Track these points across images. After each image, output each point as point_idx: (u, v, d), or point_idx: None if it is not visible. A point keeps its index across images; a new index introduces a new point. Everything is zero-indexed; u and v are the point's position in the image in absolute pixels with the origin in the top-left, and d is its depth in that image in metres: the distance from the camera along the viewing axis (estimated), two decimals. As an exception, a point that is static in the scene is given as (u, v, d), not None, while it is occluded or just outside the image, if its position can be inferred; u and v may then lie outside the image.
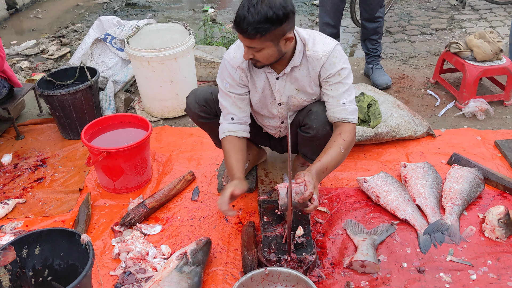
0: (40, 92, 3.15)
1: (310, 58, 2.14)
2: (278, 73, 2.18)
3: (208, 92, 2.36)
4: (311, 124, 2.21)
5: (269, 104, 2.31)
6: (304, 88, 2.22)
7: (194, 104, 2.36)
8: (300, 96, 2.25)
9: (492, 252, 2.22)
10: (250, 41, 1.93)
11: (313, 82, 2.20)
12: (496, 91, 3.66)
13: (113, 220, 2.53)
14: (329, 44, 2.14)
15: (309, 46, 2.13)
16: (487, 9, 5.67)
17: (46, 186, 2.84)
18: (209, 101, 2.36)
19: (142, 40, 3.54)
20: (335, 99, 2.16)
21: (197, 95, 2.36)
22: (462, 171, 2.62)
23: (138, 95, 3.76)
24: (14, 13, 6.28)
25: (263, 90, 2.25)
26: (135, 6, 6.59)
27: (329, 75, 2.14)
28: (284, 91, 2.23)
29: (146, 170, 2.78)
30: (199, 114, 2.37)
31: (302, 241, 2.19)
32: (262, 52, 1.98)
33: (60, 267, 1.98)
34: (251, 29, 1.86)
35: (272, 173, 2.77)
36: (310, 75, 2.18)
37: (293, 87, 2.22)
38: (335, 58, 2.13)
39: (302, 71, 2.17)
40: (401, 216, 2.41)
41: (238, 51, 2.18)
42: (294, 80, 2.20)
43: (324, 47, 2.13)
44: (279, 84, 2.21)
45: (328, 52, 2.12)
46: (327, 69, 2.14)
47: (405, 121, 3.07)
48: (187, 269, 2.05)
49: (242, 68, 2.19)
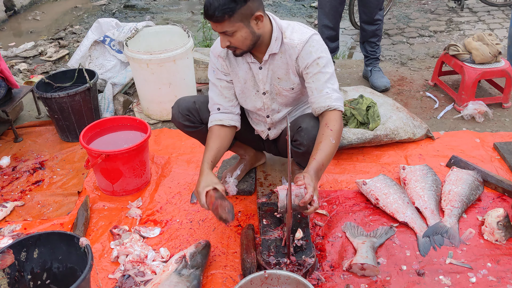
0: (38, 95, 3.15)
1: (287, 46, 2.16)
2: (260, 62, 2.21)
3: (191, 102, 2.40)
4: (302, 141, 2.22)
5: (253, 96, 2.33)
6: (286, 75, 2.23)
7: (177, 114, 2.40)
8: (280, 85, 2.26)
9: (491, 255, 2.22)
10: (221, 25, 1.98)
11: (291, 70, 2.21)
12: (494, 94, 3.66)
13: (111, 223, 2.52)
14: (306, 33, 2.15)
15: (287, 34, 2.15)
16: (485, 12, 5.68)
17: (44, 188, 2.83)
18: (192, 110, 2.39)
19: (141, 42, 3.54)
20: (318, 90, 2.14)
21: (180, 105, 2.40)
22: (461, 174, 2.62)
23: (137, 98, 3.76)
24: (13, 15, 6.27)
25: (245, 80, 2.28)
26: (134, 8, 6.59)
27: (307, 64, 2.14)
28: (267, 80, 2.25)
29: (145, 173, 2.78)
30: (184, 124, 2.41)
31: (302, 244, 2.18)
32: (236, 36, 2.02)
33: (59, 270, 1.98)
34: (218, 12, 1.92)
35: (271, 175, 2.77)
36: (288, 63, 2.20)
37: (275, 75, 2.24)
38: (312, 47, 2.14)
39: (281, 59, 2.20)
40: (401, 219, 2.41)
41: (218, 41, 2.23)
42: (276, 68, 2.22)
43: (300, 36, 2.15)
44: (262, 73, 2.24)
45: (304, 41, 2.13)
46: (304, 58, 2.14)
47: (404, 123, 3.07)
48: (186, 272, 2.05)
49: (221, 57, 2.27)
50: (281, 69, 2.22)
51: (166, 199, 2.69)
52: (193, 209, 2.60)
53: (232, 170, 2.72)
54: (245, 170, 2.74)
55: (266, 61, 2.19)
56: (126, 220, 2.54)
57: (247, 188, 2.68)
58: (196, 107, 2.39)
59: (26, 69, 4.49)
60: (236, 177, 2.64)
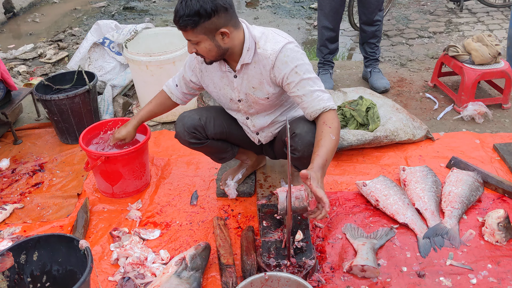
0: (38, 97, 3.14)
1: (260, 56, 2.14)
2: (235, 71, 2.21)
3: (196, 119, 2.37)
4: (296, 147, 2.21)
5: (228, 102, 2.34)
6: (260, 85, 2.22)
7: (183, 132, 2.38)
8: (255, 94, 2.25)
9: (492, 256, 2.21)
10: (185, 33, 2.01)
11: (265, 80, 2.19)
12: (494, 95, 3.66)
13: (111, 225, 2.52)
14: (279, 43, 2.11)
15: (261, 44, 2.13)
16: (485, 12, 5.69)
17: (44, 191, 2.83)
18: (198, 127, 2.37)
19: (140, 44, 3.54)
20: (308, 95, 2.12)
21: (185, 123, 2.37)
22: (461, 175, 2.62)
23: (136, 99, 3.76)
24: (12, 17, 6.27)
25: (220, 88, 2.29)
26: (133, 10, 6.59)
27: (284, 75, 2.11)
28: (241, 89, 2.25)
29: (145, 175, 2.77)
30: (190, 141, 2.40)
31: (302, 246, 2.18)
32: (200, 46, 2.04)
33: (59, 273, 1.97)
34: (182, 21, 1.96)
35: (271, 177, 2.76)
36: (262, 73, 2.18)
37: (250, 85, 2.23)
38: (287, 57, 2.10)
39: (255, 69, 2.18)
40: (401, 220, 2.41)
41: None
42: (250, 78, 2.21)
43: (273, 46, 2.11)
44: (237, 82, 2.23)
45: (277, 51, 2.10)
46: (280, 68, 2.11)
47: (403, 124, 3.07)
48: (186, 274, 2.04)
49: (198, 61, 2.31)
50: (255, 79, 2.20)
51: (166, 201, 2.69)
52: (193, 211, 2.60)
53: (232, 172, 2.71)
54: (246, 174, 2.74)
55: (239, 70, 2.19)
56: (126, 222, 2.54)
57: (247, 190, 2.68)
58: (202, 123, 2.37)
59: (25, 71, 4.50)
60: (237, 181, 2.65)
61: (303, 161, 2.28)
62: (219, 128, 2.42)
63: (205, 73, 2.31)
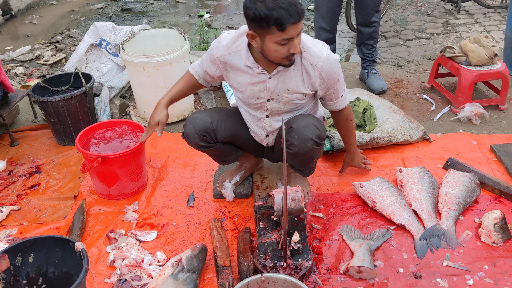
0: (34, 98, 3.14)
1: (305, 61, 2.15)
2: (270, 72, 2.18)
3: (208, 122, 2.32)
4: (292, 141, 2.21)
5: (253, 100, 2.30)
6: (296, 88, 2.22)
7: (194, 135, 2.33)
8: (289, 95, 2.25)
9: (488, 257, 2.21)
10: (301, 22, 1.95)
11: (305, 83, 2.20)
12: (491, 96, 3.67)
13: (108, 227, 2.51)
14: (323, 51, 2.16)
15: (306, 46, 2.14)
16: (482, 14, 5.69)
17: (40, 193, 2.82)
18: (209, 130, 2.33)
19: (137, 46, 3.53)
20: (337, 96, 2.32)
21: (196, 125, 2.32)
22: (458, 176, 2.62)
23: (133, 101, 3.76)
24: (9, 19, 6.26)
25: (246, 87, 2.26)
26: (131, 11, 6.59)
27: (329, 85, 2.23)
28: (275, 90, 2.23)
29: (142, 176, 2.77)
30: (199, 144, 2.36)
31: (298, 247, 2.18)
32: (301, 33, 2.03)
33: (55, 275, 1.97)
34: (299, 5, 1.92)
35: (268, 178, 2.76)
36: (303, 77, 2.19)
37: (285, 87, 2.22)
38: (334, 69, 2.18)
39: (294, 71, 2.18)
40: (398, 221, 2.41)
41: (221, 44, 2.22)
42: (287, 80, 2.19)
43: (319, 53, 2.14)
44: (271, 83, 2.21)
45: (324, 60, 2.14)
46: (327, 79, 2.19)
47: (400, 126, 3.07)
48: (183, 276, 2.04)
49: (220, 61, 2.25)
50: (293, 81, 2.20)
51: (162, 202, 2.69)
52: (189, 213, 2.59)
53: (230, 174, 2.71)
54: (244, 177, 2.74)
55: (278, 72, 2.17)
56: (123, 224, 2.53)
57: (244, 192, 2.68)
58: (213, 127, 2.33)
59: (22, 73, 4.49)
60: (235, 183, 2.64)
61: (299, 157, 2.28)
62: (228, 132, 2.39)
63: (230, 73, 2.27)
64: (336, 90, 2.28)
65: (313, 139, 2.20)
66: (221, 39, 2.24)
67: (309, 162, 2.39)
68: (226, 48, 2.20)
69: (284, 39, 1.94)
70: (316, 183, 2.78)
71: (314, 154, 2.30)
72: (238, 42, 2.18)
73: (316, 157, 2.37)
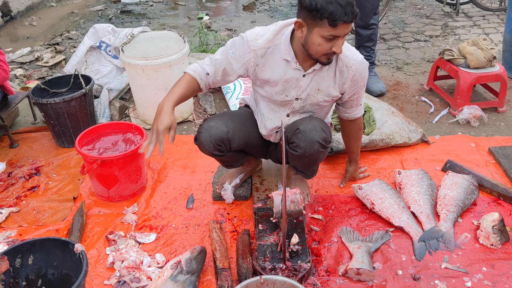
0: (34, 100, 3.14)
1: (341, 62, 2.18)
2: (305, 70, 2.18)
3: (224, 132, 2.26)
4: (299, 143, 2.21)
5: (280, 97, 2.28)
6: (327, 89, 2.23)
7: (209, 144, 2.27)
8: (318, 96, 2.26)
9: (487, 259, 2.22)
10: (349, 25, 1.95)
11: (336, 85, 2.23)
12: (490, 98, 3.68)
13: (107, 229, 2.51)
14: (357, 55, 2.20)
15: (343, 48, 2.14)
16: (481, 16, 5.70)
17: (40, 194, 2.82)
18: (225, 140, 2.28)
19: (137, 48, 3.54)
20: (357, 104, 2.38)
21: (212, 134, 2.25)
22: (456, 178, 2.63)
23: (132, 103, 3.76)
24: (9, 21, 6.27)
25: (277, 83, 2.23)
26: (130, 13, 6.59)
27: (357, 88, 2.27)
28: (306, 88, 2.23)
29: (141, 178, 2.77)
30: (213, 153, 2.32)
31: (297, 249, 2.18)
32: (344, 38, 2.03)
33: (54, 276, 1.97)
34: (355, 7, 1.92)
35: (267, 180, 2.77)
36: (335, 78, 2.21)
37: (317, 86, 2.23)
38: (364, 73, 2.23)
39: (328, 72, 2.19)
40: (396, 224, 2.42)
41: (261, 38, 2.18)
42: (320, 79, 2.20)
43: (354, 56, 2.19)
44: (304, 81, 2.21)
45: (358, 63, 2.19)
46: (357, 82, 2.24)
47: (399, 128, 3.08)
48: (182, 278, 2.04)
49: (257, 55, 2.18)
50: (325, 81, 2.21)
51: (162, 204, 2.69)
52: (188, 215, 2.60)
53: (229, 176, 2.71)
54: (243, 179, 2.75)
55: (314, 70, 2.17)
56: (122, 226, 2.54)
57: (243, 193, 2.68)
58: (229, 137, 2.28)
59: (22, 75, 4.49)
60: (234, 185, 2.65)
61: (303, 159, 2.28)
62: (242, 140, 2.36)
63: (262, 68, 2.22)
64: (359, 96, 2.34)
65: (320, 142, 2.20)
66: (257, 34, 2.19)
67: (313, 164, 2.40)
68: (267, 41, 2.17)
69: (332, 35, 1.95)
70: (315, 185, 2.78)
71: (319, 157, 2.31)
72: (278, 35, 2.17)
73: (321, 159, 2.39)
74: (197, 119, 3.59)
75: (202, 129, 2.29)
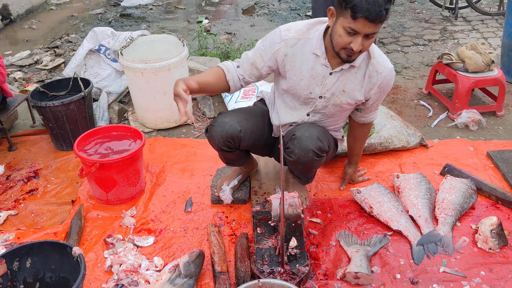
0: (33, 103, 3.15)
1: (371, 66, 2.18)
2: (333, 68, 2.18)
3: (237, 130, 2.27)
4: (293, 150, 2.22)
5: (304, 93, 2.26)
6: (352, 91, 2.23)
7: (220, 139, 2.28)
8: (342, 97, 2.25)
9: (485, 263, 2.22)
10: (376, 25, 1.91)
11: (362, 88, 2.23)
12: (488, 102, 3.68)
13: (105, 232, 2.51)
14: (388, 62, 2.21)
15: (375, 54, 2.17)
16: (479, 21, 5.72)
17: (38, 197, 2.82)
18: (236, 138, 2.29)
19: (136, 51, 3.55)
20: (375, 109, 2.41)
21: (226, 130, 2.26)
22: (455, 182, 2.63)
23: (131, 106, 3.76)
24: (9, 24, 6.28)
25: (302, 78, 2.21)
26: (130, 17, 6.61)
27: (381, 95, 2.29)
28: (331, 87, 2.22)
29: (139, 182, 2.77)
30: (222, 148, 2.33)
31: (296, 253, 2.18)
32: (372, 39, 1.98)
33: (52, 280, 1.97)
34: (384, 10, 1.86)
35: (265, 184, 2.77)
36: (364, 82, 2.21)
37: (342, 87, 2.22)
38: (391, 81, 2.25)
39: (356, 74, 2.19)
40: (395, 227, 2.42)
41: (294, 29, 2.19)
42: (347, 80, 2.20)
43: (385, 64, 2.20)
44: (330, 80, 2.20)
45: (388, 70, 2.20)
46: (383, 89, 2.25)
47: (398, 132, 3.08)
48: (180, 281, 2.04)
49: (287, 44, 2.17)
50: (351, 83, 2.21)
51: (160, 207, 2.69)
52: (187, 218, 2.60)
53: (227, 178, 2.71)
54: (241, 180, 2.75)
55: (342, 69, 2.17)
56: (120, 229, 2.53)
57: (241, 197, 2.68)
58: (241, 135, 2.29)
59: (21, 78, 4.49)
60: (233, 187, 2.65)
61: (298, 166, 2.28)
62: (251, 141, 2.37)
63: (290, 59, 2.21)
64: (380, 103, 2.38)
65: (314, 151, 2.19)
66: (290, 26, 2.20)
67: (308, 171, 2.40)
68: (299, 32, 2.18)
69: (351, 29, 1.92)
70: (313, 188, 2.78)
71: (314, 165, 2.31)
72: (312, 30, 2.17)
73: (316, 167, 2.38)
74: (196, 122, 3.59)
75: (215, 123, 2.29)
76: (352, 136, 2.62)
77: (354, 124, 2.53)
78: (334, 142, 2.49)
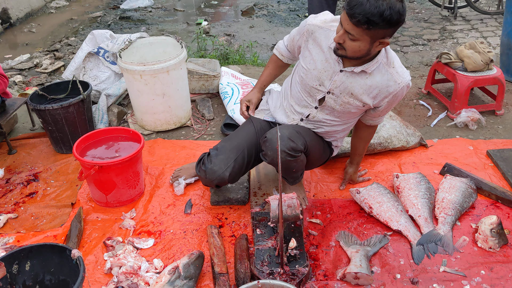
0: (32, 106, 3.15)
1: (389, 75, 2.18)
2: (345, 66, 2.18)
3: (225, 177, 2.40)
4: (266, 152, 2.25)
5: (314, 83, 2.28)
6: (359, 96, 2.23)
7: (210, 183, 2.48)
8: (349, 99, 2.26)
9: (485, 262, 2.22)
10: (353, 27, 1.92)
11: (371, 94, 2.23)
12: (487, 101, 3.68)
13: (105, 235, 2.51)
14: (407, 74, 2.23)
15: (395, 64, 2.19)
16: (479, 20, 5.72)
17: (38, 200, 2.82)
18: (225, 182, 2.46)
19: (135, 54, 3.55)
20: (384, 113, 2.42)
21: (215, 178, 2.41)
22: (454, 181, 2.63)
23: (131, 109, 3.77)
24: (8, 28, 6.29)
25: (316, 67, 2.25)
26: (129, 19, 6.62)
27: (392, 104, 2.31)
28: (339, 85, 2.23)
29: (139, 184, 2.77)
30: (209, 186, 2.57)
31: (295, 254, 2.18)
32: (355, 43, 1.99)
33: (51, 282, 1.97)
34: (362, 17, 1.87)
35: (265, 185, 2.77)
36: (374, 87, 2.20)
37: (350, 90, 2.22)
38: (404, 92, 2.26)
39: (367, 80, 2.19)
40: (394, 227, 2.41)
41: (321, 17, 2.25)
42: (355, 84, 2.20)
43: (404, 75, 2.22)
44: (339, 77, 2.21)
45: (406, 82, 2.22)
46: (397, 97, 2.27)
47: (397, 131, 3.08)
48: (180, 283, 2.04)
49: (310, 29, 2.25)
50: (360, 88, 2.21)
51: (160, 209, 2.69)
52: (186, 220, 2.60)
53: (186, 172, 2.85)
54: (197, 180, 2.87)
55: (352, 71, 2.17)
56: (120, 231, 2.53)
57: (241, 198, 2.68)
58: (229, 179, 2.42)
59: (21, 81, 4.50)
60: (188, 183, 2.82)
61: (276, 167, 2.29)
62: (241, 175, 2.49)
63: (311, 44, 2.26)
64: (390, 109, 2.42)
65: (285, 151, 2.20)
66: (320, 15, 2.27)
67: (290, 172, 2.39)
68: (323, 21, 2.22)
69: (340, 21, 2.00)
70: (313, 189, 2.78)
71: (290, 165, 2.30)
72: (335, 22, 2.19)
73: (295, 168, 2.35)
74: (195, 124, 3.59)
75: (206, 170, 2.43)
76: (357, 136, 2.63)
77: (361, 124, 2.54)
78: (323, 145, 2.50)
